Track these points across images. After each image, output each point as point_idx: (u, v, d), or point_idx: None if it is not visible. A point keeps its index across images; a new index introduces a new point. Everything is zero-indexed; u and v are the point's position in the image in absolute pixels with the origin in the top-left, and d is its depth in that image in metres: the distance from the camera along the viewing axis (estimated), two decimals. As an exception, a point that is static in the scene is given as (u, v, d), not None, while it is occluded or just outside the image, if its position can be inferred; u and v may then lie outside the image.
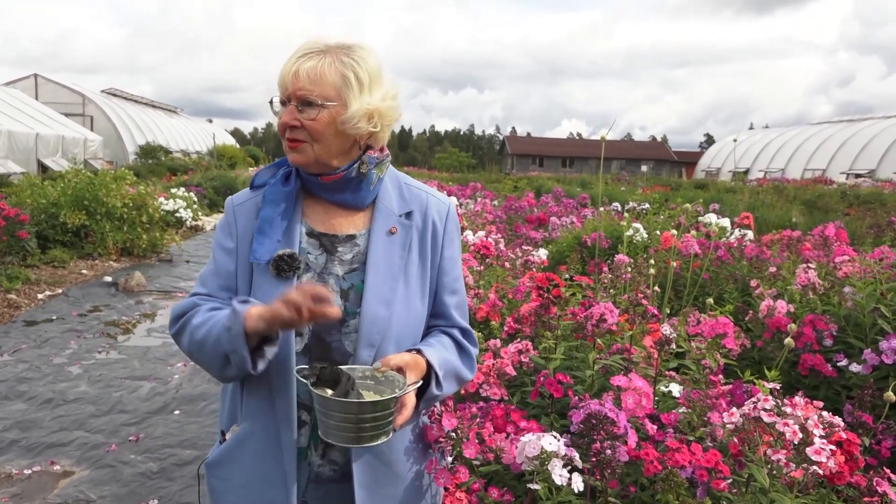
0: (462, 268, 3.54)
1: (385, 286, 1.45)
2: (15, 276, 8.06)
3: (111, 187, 10.34)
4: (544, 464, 1.43)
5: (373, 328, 1.42)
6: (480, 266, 3.85)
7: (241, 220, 1.50)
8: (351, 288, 1.46)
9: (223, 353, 1.34)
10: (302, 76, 1.37)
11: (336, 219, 1.51)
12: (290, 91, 1.38)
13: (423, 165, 63.03)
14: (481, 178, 22.70)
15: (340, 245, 1.49)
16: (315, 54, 1.39)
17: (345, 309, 1.44)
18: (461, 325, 1.59)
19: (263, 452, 1.43)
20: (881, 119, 31.81)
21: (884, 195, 15.07)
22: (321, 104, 1.38)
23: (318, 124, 1.39)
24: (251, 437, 1.45)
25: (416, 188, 1.59)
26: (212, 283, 1.49)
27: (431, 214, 1.55)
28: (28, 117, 20.75)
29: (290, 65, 1.39)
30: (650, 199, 9.54)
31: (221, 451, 1.49)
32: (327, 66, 1.38)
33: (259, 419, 1.44)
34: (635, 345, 2.20)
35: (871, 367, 2.41)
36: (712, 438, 1.73)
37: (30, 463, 3.81)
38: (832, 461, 1.38)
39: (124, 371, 5.48)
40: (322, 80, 1.38)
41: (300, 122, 1.39)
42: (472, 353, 1.57)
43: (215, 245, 1.52)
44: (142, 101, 38.11)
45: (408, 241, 1.50)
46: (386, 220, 1.50)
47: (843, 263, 3.04)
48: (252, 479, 1.44)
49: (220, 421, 1.57)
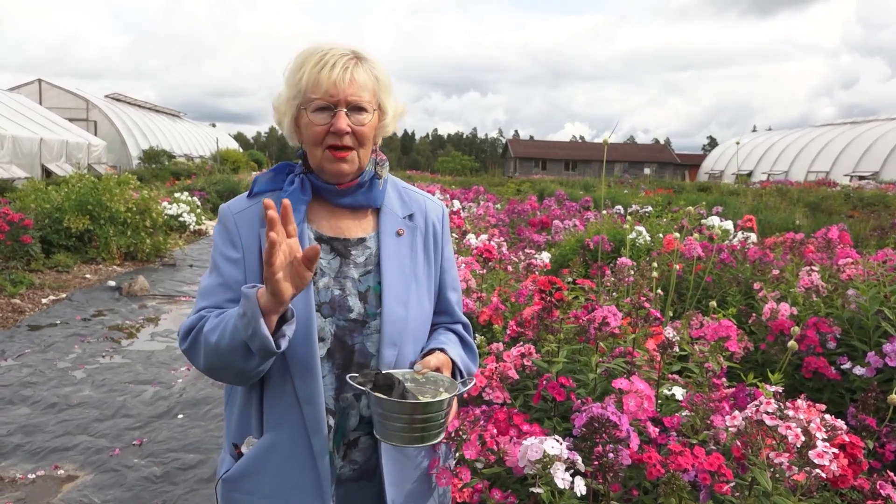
0: (465, 270, 3.54)
1: (400, 286, 1.48)
2: (19, 280, 8.08)
3: (115, 192, 10.37)
4: (547, 467, 1.43)
5: (394, 328, 1.45)
6: (483, 269, 3.85)
7: (243, 228, 1.47)
8: (368, 290, 1.47)
9: (242, 342, 1.28)
10: (357, 82, 1.40)
11: (344, 223, 1.51)
12: (340, 97, 1.39)
13: (426, 169, 63.07)
14: (484, 181, 22.71)
15: (353, 248, 1.50)
16: (352, 60, 1.41)
17: (364, 310, 1.46)
18: (463, 319, 1.66)
19: (291, 461, 1.42)
20: (885, 121, 31.76)
21: (888, 197, 15.04)
22: (372, 109, 1.43)
23: (368, 129, 1.43)
24: (277, 447, 1.42)
25: (413, 192, 1.64)
26: (220, 296, 1.44)
27: (431, 216, 1.60)
28: (32, 122, 20.83)
29: (337, 71, 1.38)
30: (653, 201, 9.53)
31: (243, 465, 1.45)
32: (366, 71, 1.42)
33: (284, 429, 1.42)
34: (638, 348, 2.19)
35: (874, 369, 2.40)
36: (715, 441, 1.73)
37: (34, 467, 3.82)
38: (835, 464, 1.37)
39: (128, 375, 5.49)
40: (367, 85, 1.42)
41: (351, 128, 1.40)
42: (474, 347, 1.64)
43: (217, 256, 1.48)
44: (145, 105, 38.22)
45: (414, 243, 1.54)
46: (392, 222, 1.54)
47: (847, 266, 3.03)
48: (280, 488, 1.42)
49: (229, 434, 1.53)
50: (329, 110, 1.40)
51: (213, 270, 1.48)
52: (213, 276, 1.47)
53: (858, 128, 32.65)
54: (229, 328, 1.31)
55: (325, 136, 1.41)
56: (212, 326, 1.36)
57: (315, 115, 1.41)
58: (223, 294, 1.44)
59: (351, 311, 1.45)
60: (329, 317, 1.44)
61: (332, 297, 1.45)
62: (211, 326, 1.36)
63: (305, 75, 1.40)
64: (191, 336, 1.40)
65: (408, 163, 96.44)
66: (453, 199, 10.08)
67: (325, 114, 1.40)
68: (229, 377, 1.41)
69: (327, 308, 1.44)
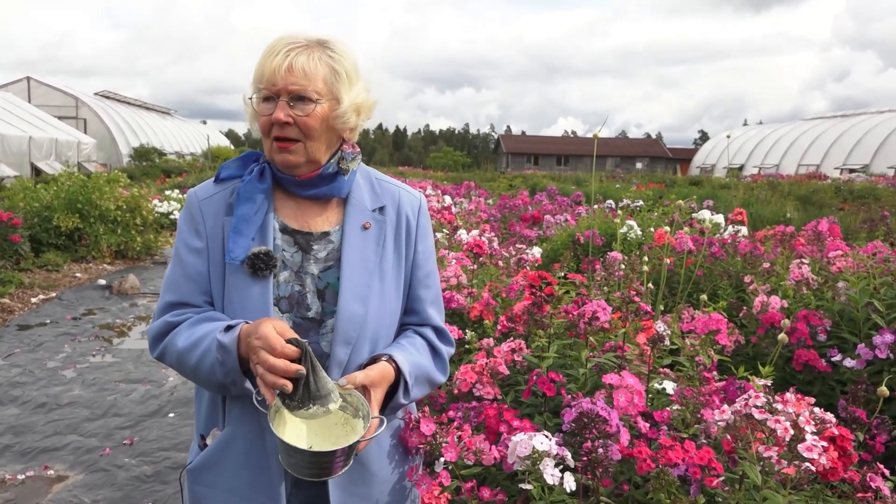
0: (456, 266, 3.52)
1: (361, 283, 1.42)
2: (8, 279, 8.02)
3: (104, 190, 10.31)
4: (536, 463, 1.42)
5: (349, 326, 1.39)
6: (474, 265, 3.84)
7: (208, 216, 1.43)
8: (327, 287, 1.43)
9: (219, 383, 1.31)
10: (296, 70, 1.33)
11: (309, 215, 1.46)
12: (280, 86, 1.33)
13: (418, 165, 63.01)
14: (476, 176, 22.72)
15: (315, 243, 1.45)
16: (301, 48, 1.36)
17: (322, 309, 1.42)
18: (434, 322, 1.56)
19: (248, 457, 1.40)
20: (875, 114, 31.93)
21: (878, 190, 15.13)
22: (316, 99, 1.35)
23: (313, 120, 1.35)
24: (235, 441, 1.41)
25: (388, 182, 1.57)
26: (184, 288, 1.41)
27: (404, 209, 1.53)
28: (21, 120, 20.68)
29: (278, 59, 1.33)
30: (644, 196, 9.55)
31: (204, 457, 1.44)
32: (317, 60, 1.36)
33: (243, 424, 1.40)
34: (629, 342, 2.19)
35: (864, 361, 2.41)
36: (706, 435, 1.72)
37: (23, 468, 3.79)
38: (824, 457, 1.37)
39: (118, 374, 5.46)
40: (315, 75, 1.35)
41: (293, 118, 1.34)
42: (444, 355, 1.55)
43: (180, 245, 1.44)
44: (135, 103, 38.03)
45: (382, 236, 1.48)
46: (359, 215, 1.47)
47: (837, 258, 3.04)
48: (238, 484, 1.41)
49: (197, 425, 1.51)
50: (272, 100, 1.35)
51: (176, 260, 1.44)
52: (176, 266, 1.43)
53: (849, 121, 32.82)
54: (207, 364, 1.30)
55: (271, 126, 1.36)
56: (188, 345, 1.33)
57: (262, 105, 1.37)
58: (186, 286, 1.41)
59: (309, 308, 1.41)
60: (287, 312, 1.40)
61: (292, 292, 1.41)
62: (187, 345, 1.33)
63: (258, 65, 1.37)
64: (161, 346, 1.39)
65: (400, 159, 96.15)
66: (445, 195, 10.06)
67: (269, 104, 1.36)
68: (208, 391, 1.44)
69: (285, 303, 1.41)
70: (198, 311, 1.40)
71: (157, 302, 1.45)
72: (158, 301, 1.44)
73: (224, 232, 1.41)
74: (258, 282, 1.38)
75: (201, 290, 1.41)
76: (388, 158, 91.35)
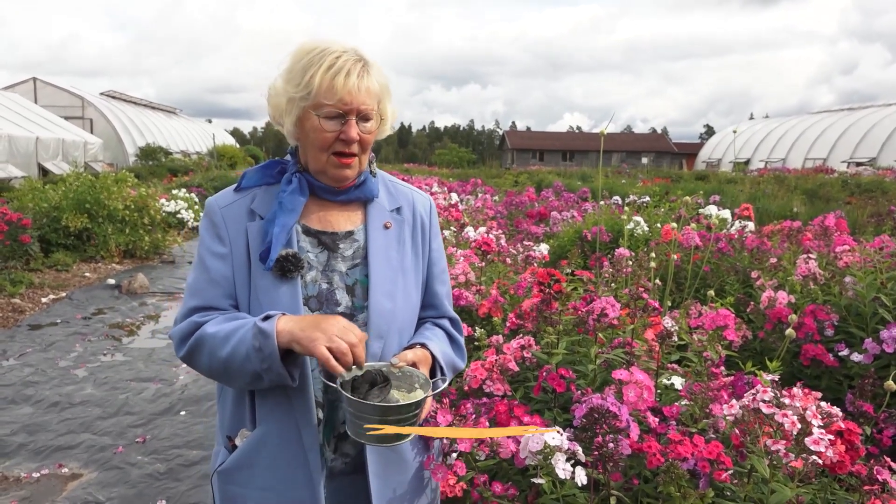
0: (464, 263, 3.55)
1: (387, 279, 1.49)
2: (19, 280, 8.08)
3: (112, 190, 10.37)
4: (548, 458, 1.45)
5: (380, 320, 1.45)
6: (482, 262, 3.86)
7: (230, 223, 1.47)
8: (356, 283, 1.49)
9: (254, 371, 1.33)
10: (364, 91, 1.40)
11: (332, 216, 1.52)
12: (353, 106, 1.39)
13: (423, 162, 63.00)
14: (482, 173, 22.70)
15: (341, 242, 1.51)
16: (360, 66, 1.41)
17: (352, 304, 1.47)
18: (450, 314, 1.66)
19: (283, 454, 1.42)
20: (882, 107, 31.72)
21: (885, 183, 15.05)
22: (375, 117, 1.44)
23: (372, 136, 1.45)
24: (268, 439, 1.43)
25: (400, 185, 1.65)
26: (209, 292, 1.44)
27: (419, 209, 1.62)
28: (28, 121, 20.77)
29: (352, 80, 1.38)
30: (651, 191, 9.54)
31: (237, 458, 1.46)
32: (374, 80, 1.43)
33: (275, 421, 1.42)
34: (637, 338, 2.21)
35: (872, 356, 2.42)
36: (715, 430, 1.74)
37: (38, 466, 3.84)
38: (831, 451, 1.39)
39: (130, 373, 5.50)
40: (376, 94, 1.43)
41: (359, 136, 1.42)
42: (461, 342, 1.64)
43: (204, 251, 1.47)
44: (141, 102, 38.10)
45: (401, 235, 1.55)
46: (380, 215, 1.55)
47: (844, 253, 3.04)
48: (273, 481, 1.43)
49: (222, 426, 1.54)
50: (340, 118, 1.40)
51: (199, 266, 1.47)
52: (200, 272, 1.46)
53: (856, 114, 32.61)
54: (241, 354, 1.32)
55: (334, 142, 1.41)
56: (219, 339, 1.35)
57: (326, 121, 1.40)
58: (212, 290, 1.44)
59: (339, 304, 1.46)
60: (317, 310, 1.45)
61: (320, 290, 1.46)
62: (218, 339, 1.35)
63: (318, 79, 1.37)
64: (189, 344, 1.40)
65: (405, 156, 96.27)
66: (451, 192, 10.07)
67: (335, 121, 1.40)
68: (233, 386, 1.45)
69: (315, 302, 1.45)
70: (223, 313, 1.43)
71: (180, 308, 1.47)
72: (181, 307, 1.47)
73: (248, 237, 1.45)
74: (286, 283, 1.42)
75: (226, 293, 1.44)
76: (394, 156, 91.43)
